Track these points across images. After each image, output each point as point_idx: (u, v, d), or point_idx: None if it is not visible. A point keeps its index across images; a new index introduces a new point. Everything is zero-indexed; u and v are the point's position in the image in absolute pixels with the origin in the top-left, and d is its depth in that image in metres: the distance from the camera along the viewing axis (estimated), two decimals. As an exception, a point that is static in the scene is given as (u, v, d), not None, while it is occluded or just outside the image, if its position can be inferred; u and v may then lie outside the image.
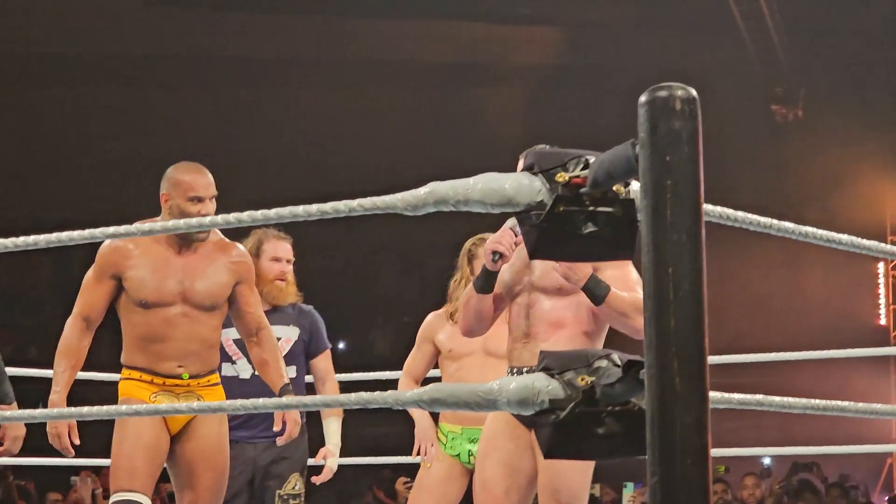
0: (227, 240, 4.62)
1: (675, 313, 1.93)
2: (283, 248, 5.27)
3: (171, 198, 4.45)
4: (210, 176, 4.48)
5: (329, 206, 2.40)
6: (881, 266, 14.89)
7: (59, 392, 4.37)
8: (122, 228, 2.54)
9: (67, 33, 15.49)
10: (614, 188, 2.20)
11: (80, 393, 4.48)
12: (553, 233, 2.20)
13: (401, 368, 5.32)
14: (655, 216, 1.95)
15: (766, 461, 12.75)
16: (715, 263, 1.94)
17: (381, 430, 10.75)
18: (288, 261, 5.27)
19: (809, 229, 2.62)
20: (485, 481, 4.16)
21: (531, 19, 16.62)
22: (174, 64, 15.89)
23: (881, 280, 14.82)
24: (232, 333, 5.24)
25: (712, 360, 2.06)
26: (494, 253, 4.02)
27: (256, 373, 5.09)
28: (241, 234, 5.30)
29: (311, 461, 5.31)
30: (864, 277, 14.79)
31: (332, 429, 5.26)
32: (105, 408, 2.55)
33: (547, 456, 2.27)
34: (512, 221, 4.01)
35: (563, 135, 4.60)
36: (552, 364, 2.21)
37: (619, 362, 2.17)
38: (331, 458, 5.24)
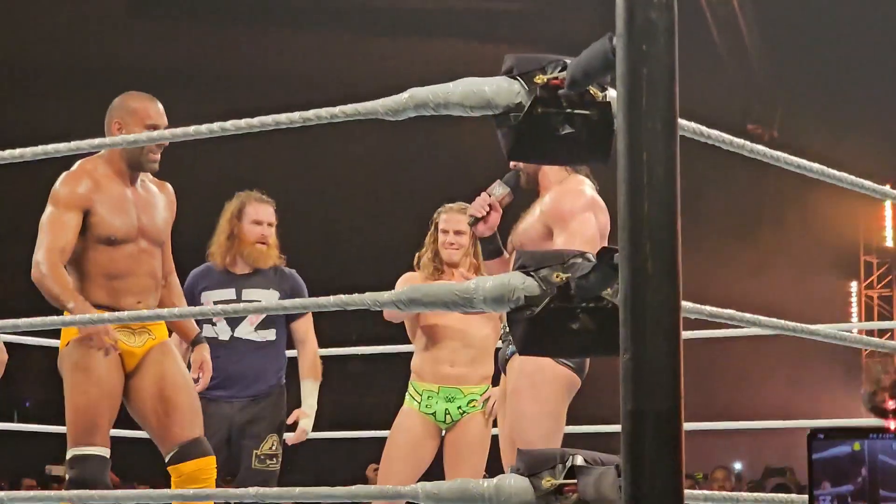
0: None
1: (649, 197, 1.98)
2: (264, 211, 5.30)
3: (126, 126, 4.33)
4: (161, 105, 4.44)
5: (311, 114, 2.45)
6: (854, 285, 14.98)
7: (78, 301, 4.18)
8: (108, 140, 2.57)
9: (49, 42, 15.51)
10: (591, 91, 2.25)
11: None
12: (530, 134, 2.25)
13: (376, 383, 5.40)
14: (630, 103, 1.99)
15: (738, 466, 12.80)
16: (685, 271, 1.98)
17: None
18: (270, 224, 5.30)
19: (781, 154, 2.67)
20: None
21: (510, 39, 16.72)
22: (157, 75, 15.92)
23: (853, 299, 14.92)
24: (213, 296, 5.27)
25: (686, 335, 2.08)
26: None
27: (236, 335, 5.11)
28: (228, 194, 5.33)
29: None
30: (838, 296, 14.88)
31: (308, 390, 5.28)
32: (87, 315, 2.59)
33: (521, 352, 2.31)
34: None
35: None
36: (528, 262, 2.26)
37: (593, 260, 2.22)
38: (304, 419, 5.26)
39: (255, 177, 6.06)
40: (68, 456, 4.33)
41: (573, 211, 4.05)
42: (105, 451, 4.32)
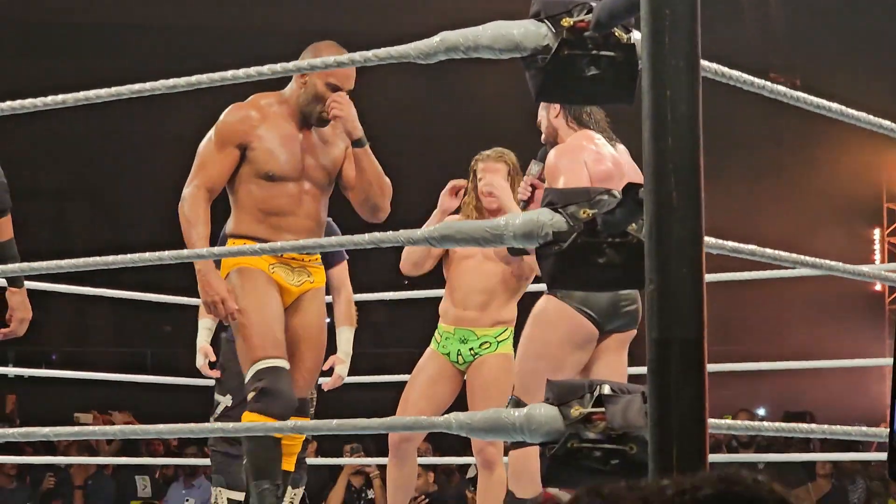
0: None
1: (673, 133, 2.06)
2: None
3: (310, 76, 4.33)
4: (353, 69, 4.36)
5: (346, 58, 2.54)
6: (877, 232, 15.00)
7: (198, 247, 4.16)
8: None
9: (73, 1, 15.58)
10: (616, 33, 2.32)
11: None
12: (557, 75, 2.33)
13: (400, 334, 5.49)
14: (654, 42, 2.07)
15: (761, 412, 12.93)
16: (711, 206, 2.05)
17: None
18: None
19: (802, 95, 2.74)
20: None
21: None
22: (169, 31, 15.96)
23: (877, 246, 14.94)
24: None
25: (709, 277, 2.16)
26: (520, 202, 4.66)
27: None
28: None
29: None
30: (860, 244, 14.91)
31: (344, 337, 5.39)
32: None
33: (550, 286, 2.41)
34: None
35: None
36: (556, 199, 2.34)
37: (618, 196, 2.30)
38: (340, 365, 5.37)
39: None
40: (254, 369, 4.23)
41: (563, 167, 4.35)
42: (287, 365, 4.26)
